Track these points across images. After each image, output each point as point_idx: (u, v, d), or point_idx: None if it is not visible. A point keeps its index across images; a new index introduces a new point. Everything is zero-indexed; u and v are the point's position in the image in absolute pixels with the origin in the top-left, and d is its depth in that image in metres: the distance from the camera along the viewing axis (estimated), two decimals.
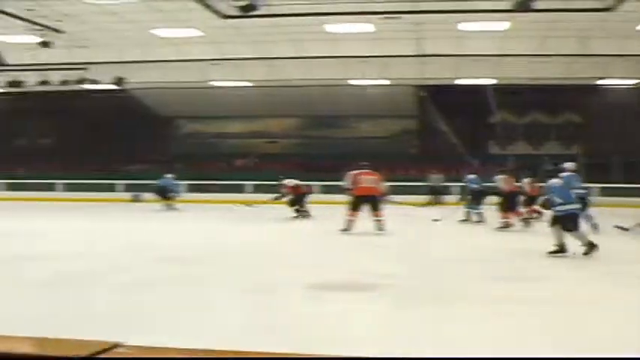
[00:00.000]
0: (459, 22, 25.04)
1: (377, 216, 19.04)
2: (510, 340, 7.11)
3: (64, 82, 32.71)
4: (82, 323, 7.69)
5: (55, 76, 32.61)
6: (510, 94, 37.73)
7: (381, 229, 18.72)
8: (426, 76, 32.81)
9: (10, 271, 12.30)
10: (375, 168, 19.83)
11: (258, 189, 35.18)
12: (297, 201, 24.65)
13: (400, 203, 25.13)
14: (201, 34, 27.65)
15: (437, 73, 31.95)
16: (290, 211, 24.35)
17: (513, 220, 20.18)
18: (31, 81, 32.99)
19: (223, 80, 35.54)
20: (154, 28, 26.82)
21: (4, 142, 46.42)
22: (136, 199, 34.58)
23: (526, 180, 22.32)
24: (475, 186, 22.80)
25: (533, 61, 30.16)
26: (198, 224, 23.63)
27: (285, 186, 24.63)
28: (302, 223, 22.74)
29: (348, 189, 19.67)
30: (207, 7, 22.97)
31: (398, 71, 32.09)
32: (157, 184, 29.79)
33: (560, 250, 13.80)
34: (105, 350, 1.59)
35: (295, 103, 41.08)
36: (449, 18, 24.17)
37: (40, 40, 26.38)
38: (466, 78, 33.18)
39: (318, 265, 12.90)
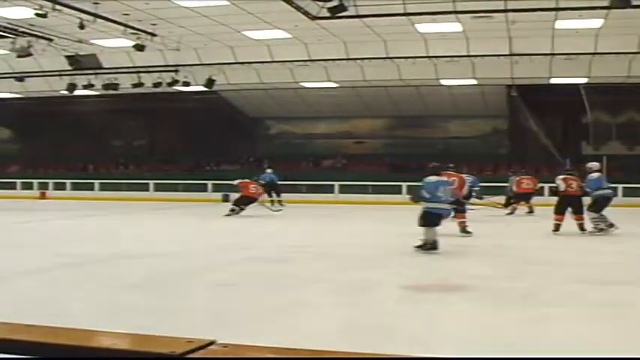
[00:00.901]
0: (553, 19, 24.65)
1: (460, 218, 18.85)
2: (607, 343, 6.99)
3: (157, 84, 33.26)
4: (175, 321, 7.84)
5: (149, 79, 33.18)
6: (604, 93, 36.92)
7: (464, 231, 18.62)
8: (517, 76, 32.40)
9: (107, 269, 12.57)
10: (463, 168, 19.65)
11: (344, 190, 35.25)
12: None
13: (481, 204, 24.75)
14: (291, 35, 27.82)
15: (528, 72, 31.47)
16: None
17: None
18: (125, 83, 33.64)
19: (312, 81, 35.65)
20: (244, 30, 27.08)
21: (101, 144, 47.40)
22: (226, 199, 34.96)
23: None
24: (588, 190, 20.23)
25: (629, 59, 29.49)
26: (288, 224, 23.74)
27: None
28: (390, 225, 22.66)
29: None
30: (297, 8, 23.09)
31: (488, 70, 31.71)
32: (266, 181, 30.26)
33: None
34: (201, 347, 1.63)
35: (383, 104, 40.93)
36: (542, 16, 23.81)
37: (134, 43, 26.87)
38: (558, 77, 32.58)
39: (408, 266, 12.88)
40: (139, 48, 26.93)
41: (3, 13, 23.95)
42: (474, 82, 34.59)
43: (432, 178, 15.78)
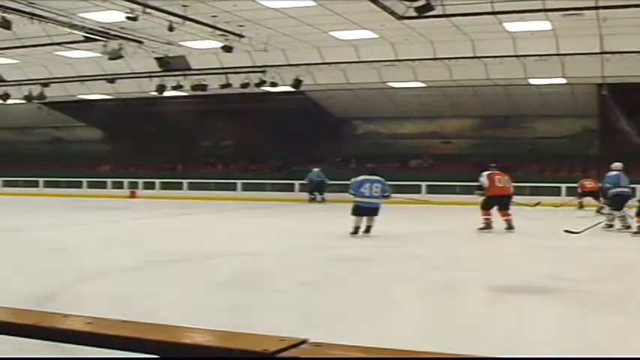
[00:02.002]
0: None
1: (506, 215, 19.59)
2: None
3: (245, 85, 33.56)
4: (262, 319, 7.92)
5: (236, 79, 33.50)
6: None
7: (510, 227, 19.35)
8: (608, 74, 31.80)
9: (195, 268, 12.75)
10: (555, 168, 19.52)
11: (432, 190, 35.05)
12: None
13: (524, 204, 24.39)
14: (377, 35, 27.79)
15: (620, 71, 30.84)
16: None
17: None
18: (213, 84, 34.03)
19: (399, 81, 35.55)
20: (331, 30, 27.15)
21: (189, 144, 48.06)
22: (313, 199, 35.15)
23: None
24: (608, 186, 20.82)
25: None
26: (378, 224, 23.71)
27: None
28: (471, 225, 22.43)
29: (482, 189, 20.22)
30: (384, 8, 23.07)
31: (578, 69, 31.18)
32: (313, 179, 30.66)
33: None
34: (293, 346, 1.66)
35: (471, 103, 40.59)
36: (635, 12, 23.31)
37: (222, 44, 27.17)
38: None
39: (493, 266, 12.79)
40: (227, 49, 27.22)
41: (95, 17, 24.48)
42: (564, 81, 34.06)
43: (359, 178, 18.92)
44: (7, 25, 21.82)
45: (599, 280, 11.14)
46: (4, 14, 21.69)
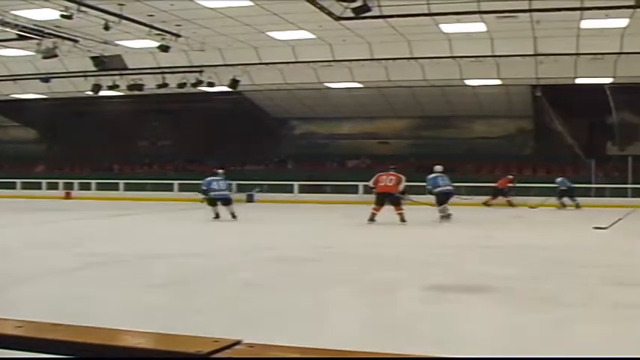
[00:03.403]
0: (578, 19, 24.52)
1: (398, 210, 22.46)
2: (631, 344, 6.95)
3: (182, 85, 33.39)
4: (200, 321, 7.87)
5: (173, 79, 33.32)
6: (630, 93, 36.65)
7: (402, 220, 22.08)
8: (542, 76, 32.26)
9: (132, 269, 12.64)
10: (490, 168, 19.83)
11: (369, 190, 35.20)
12: None
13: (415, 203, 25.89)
14: (314, 35, 27.84)
15: (553, 72, 31.32)
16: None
17: None
18: (150, 84, 33.80)
19: (337, 81, 35.66)
20: (268, 30, 27.14)
21: (125, 144, 47.68)
22: (251, 200, 35.09)
23: None
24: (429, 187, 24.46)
25: None
26: (310, 225, 23.78)
27: None
28: (408, 226, 22.61)
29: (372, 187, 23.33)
30: (321, 9, 23.11)
31: (513, 70, 31.58)
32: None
33: None
34: (227, 347, 1.64)
35: (408, 104, 40.92)
36: (567, 15, 23.70)
37: (158, 44, 26.99)
38: (583, 77, 32.38)
39: (430, 265, 12.86)
40: (164, 49, 27.06)
41: (29, 15, 24.12)
42: (499, 82, 34.49)
43: (210, 178, 24.87)
44: None
45: (532, 278, 11.27)
46: None
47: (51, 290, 10.31)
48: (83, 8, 22.28)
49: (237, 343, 1.66)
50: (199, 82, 33.36)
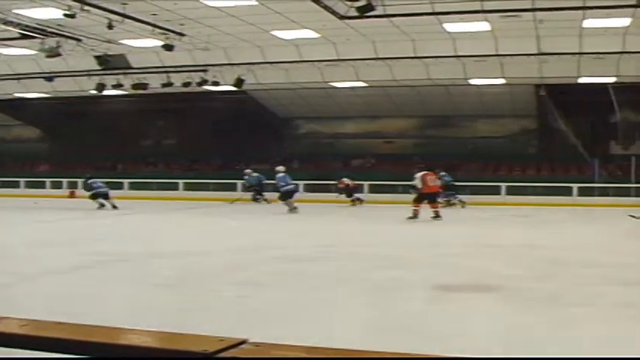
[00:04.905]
0: (581, 18, 24.50)
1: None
2: (634, 343, 6.94)
3: (186, 84, 33.39)
4: (205, 320, 7.87)
5: (178, 79, 33.33)
6: (633, 92, 36.58)
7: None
8: (546, 75, 32.24)
9: (136, 268, 12.65)
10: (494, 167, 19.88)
11: (374, 189, 35.22)
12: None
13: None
14: (319, 35, 27.83)
15: (556, 72, 31.31)
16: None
17: None
18: (154, 83, 33.81)
19: (341, 81, 35.65)
20: (273, 29, 27.13)
21: (130, 143, 47.73)
22: (256, 199, 35.11)
23: None
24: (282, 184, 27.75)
25: None
26: (315, 224, 23.79)
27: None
28: (416, 224, 22.61)
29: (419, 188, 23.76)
30: (326, 8, 23.10)
31: (517, 70, 31.57)
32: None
33: None
34: (232, 346, 1.63)
35: (413, 103, 40.89)
36: (570, 15, 23.69)
37: (162, 43, 26.99)
38: (586, 76, 32.34)
39: (435, 264, 12.86)
40: (168, 48, 27.04)
41: (32, 14, 24.13)
42: (503, 81, 34.48)
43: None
44: None
45: (536, 277, 11.25)
46: None
47: (55, 289, 10.33)
48: (86, 7, 22.26)
49: (243, 342, 1.66)
50: (204, 82, 33.36)
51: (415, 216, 23.16)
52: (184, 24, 26.00)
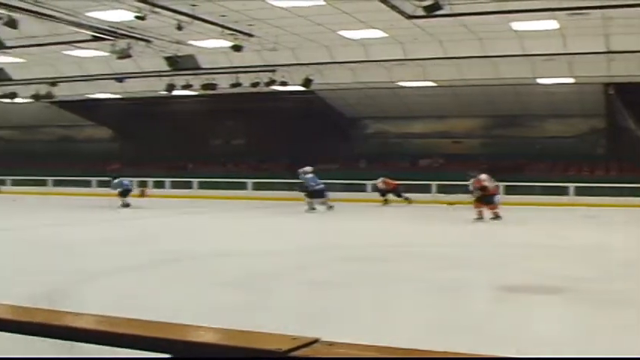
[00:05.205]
0: None
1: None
2: None
3: (255, 84, 33.55)
4: (268, 319, 7.93)
5: (246, 79, 33.50)
6: None
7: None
8: (614, 74, 31.70)
9: (205, 267, 12.79)
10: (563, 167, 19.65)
11: (442, 189, 35.03)
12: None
13: None
14: (386, 34, 27.75)
15: (626, 70, 30.74)
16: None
17: None
18: (223, 83, 34.04)
19: (408, 80, 35.50)
20: (340, 29, 27.12)
21: (201, 143, 48.13)
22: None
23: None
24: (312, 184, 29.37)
25: None
26: (380, 224, 23.75)
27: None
28: (479, 225, 22.45)
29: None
30: (393, 7, 23.04)
31: (585, 69, 31.06)
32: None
33: None
34: (305, 345, 1.65)
35: (480, 103, 40.51)
36: (638, 12, 23.23)
37: (231, 44, 27.16)
38: None
39: (501, 265, 12.78)
40: (237, 48, 27.20)
41: (103, 17, 24.47)
42: (572, 80, 33.97)
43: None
44: (13, 24, 21.78)
45: (603, 279, 11.12)
46: (10, 13, 21.68)
47: (124, 286, 10.50)
48: (156, 9, 22.50)
49: (315, 341, 1.68)
50: (272, 82, 33.47)
51: (481, 217, 23.29)
52: (252, 24, 26.12)
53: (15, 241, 17.44)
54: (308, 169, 29.92)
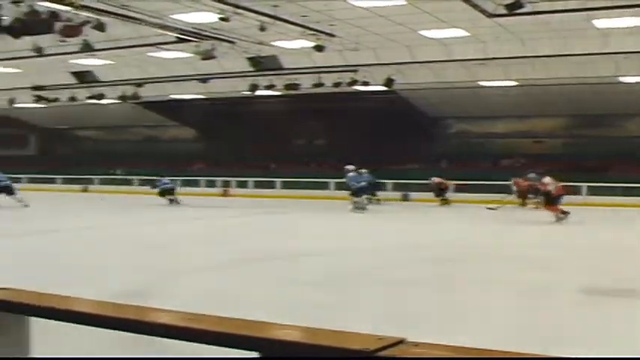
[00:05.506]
0: None
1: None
2: None
3: (337, 84, 33.63)
4: (353, 318, 7.97)
5: (328, 79, 33.59)
6: None
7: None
8: None
9: (287, 266, 12.89)
10: None
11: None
12: None
13: None
14: (468, 33, 27.54)
15: None
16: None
17: None
18: (306, 83, 34.19)
19: (490, 80, 35.17)
20: (421, 29, 27.02)
21: (283, 143, 48.41)
22: (406, 198, 35.13)
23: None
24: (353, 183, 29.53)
25: None
26: (463, 225, 23.61)
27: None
28: (557, 226, 22.14)
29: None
30: (474, 6, 22.88)
31: None
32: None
33: None
34: (391, 345, 1.67)
35: (562, 102, 39.88)
36: None
37: (313, 44, 27.27)
38: None
39: (585, 267, 12.62)
40: (319, 49, 27.29)
41: (187, 19, 24.81)
42: None
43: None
44: (101, 27, 22.29)
45: None
46: (98, 17, 22.17)
47: (206, 284, 10.65)
48: (239, 10, 22.73)
49: (401, 341, 1.69)
50: (354, 82, 33.52)
51: (559, 218, 22.97)
52: (334, 24, 26.18)
53: (106, 239, 17.82)
54: (350, 167, 30.11)
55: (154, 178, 35.16)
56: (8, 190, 28.92)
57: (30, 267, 11.85)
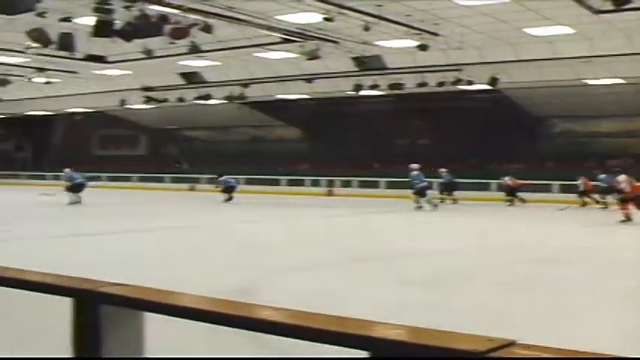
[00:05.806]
0: None
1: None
2: None
3: (441, 84, 33.47)
4: (459, 319, 7.94)
5: (432, 78, 33.45)
6: None
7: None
8: None
9: (392, 265, 12.93)
10: None
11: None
12: None
13: None
14: (573, 30, 27.05)
15: None
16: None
17: None
18: (409, 83, 34.12)
19: (595, 78, 34.42)
20: (526, 27, 26.67)
21: (387, 143, 48.37)
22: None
23: None
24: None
25: None
26: (566, 226, 23.20)
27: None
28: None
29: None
30: (580, 2, 22.49)
31: None
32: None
33: None
34: (502, 347, 1.65)
35: None
36: None
37: (417, 43, 27.19)
38: None
39: None
40: (423, 48, 27.20)
41: (292, 19, 25.04)
42: None
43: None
44: (208, 29, 22.72)
45: None
46: (205, 19, 22.58)
47: (313, 283, 10.76)
48: (343, 10, 22.82)
49: (512, 343, 1.67)
50: (458, 81, 33.30)
51: (628, 218, 22.78)
52: (438, 23, 26.05)
53: (210, 238, 18.16)
54: (414, 166, 30.23)
55: (212, 176, 37.88)
56: (80, 188, 31.05)
57: (142, 264, 12.21)
